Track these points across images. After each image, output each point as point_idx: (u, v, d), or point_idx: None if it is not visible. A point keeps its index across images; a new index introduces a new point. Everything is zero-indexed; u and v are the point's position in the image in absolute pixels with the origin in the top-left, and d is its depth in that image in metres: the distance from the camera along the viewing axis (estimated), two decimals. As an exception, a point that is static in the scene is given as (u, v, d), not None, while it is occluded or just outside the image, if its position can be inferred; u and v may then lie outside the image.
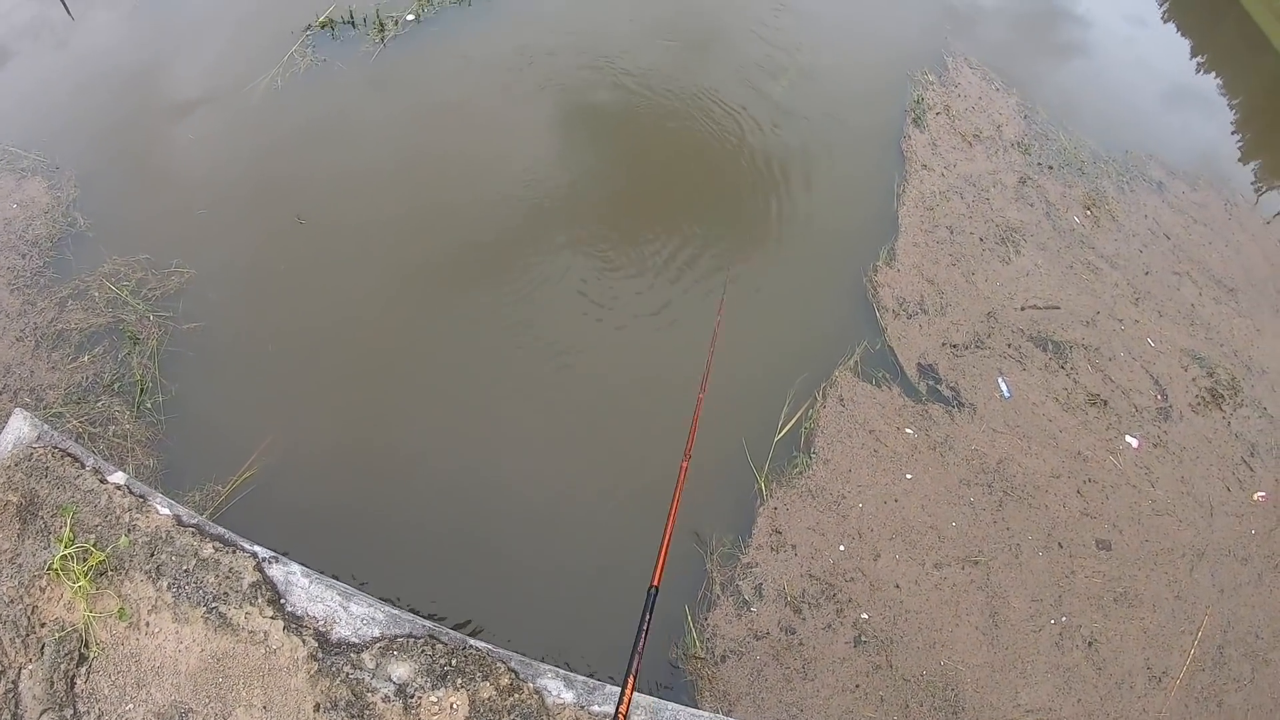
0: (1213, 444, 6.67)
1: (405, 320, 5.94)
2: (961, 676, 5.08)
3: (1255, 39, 12.53)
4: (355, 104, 7.19)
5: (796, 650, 4.93)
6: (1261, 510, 6.45)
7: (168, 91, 7.02)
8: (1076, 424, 6.38)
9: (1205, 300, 7.73)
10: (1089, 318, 7.11)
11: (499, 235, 6.47)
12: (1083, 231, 7.85)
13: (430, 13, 8.03)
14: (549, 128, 7.38)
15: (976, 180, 7.94)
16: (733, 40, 8.85)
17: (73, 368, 5.30)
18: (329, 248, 6.21)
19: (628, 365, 5.99)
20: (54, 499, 3.68)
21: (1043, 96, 9.45)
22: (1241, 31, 12.78)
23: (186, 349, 5.53)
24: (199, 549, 3.65)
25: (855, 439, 5.83)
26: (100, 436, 5.00)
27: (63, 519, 3.60)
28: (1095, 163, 8.68)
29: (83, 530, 3.61)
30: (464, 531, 5.08)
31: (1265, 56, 12.20)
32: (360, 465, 5.26)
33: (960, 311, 6.77)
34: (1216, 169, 9.55)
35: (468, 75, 7.68)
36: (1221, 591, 5.94)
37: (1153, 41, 12.00)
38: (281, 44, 7.44)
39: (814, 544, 5.33)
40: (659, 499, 5.23)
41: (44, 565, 3.49)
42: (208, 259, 5.96)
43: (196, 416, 5.26)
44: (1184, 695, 5.42)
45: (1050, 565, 5.66)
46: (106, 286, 5.66)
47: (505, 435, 5.53)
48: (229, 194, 6.40)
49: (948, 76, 9.14)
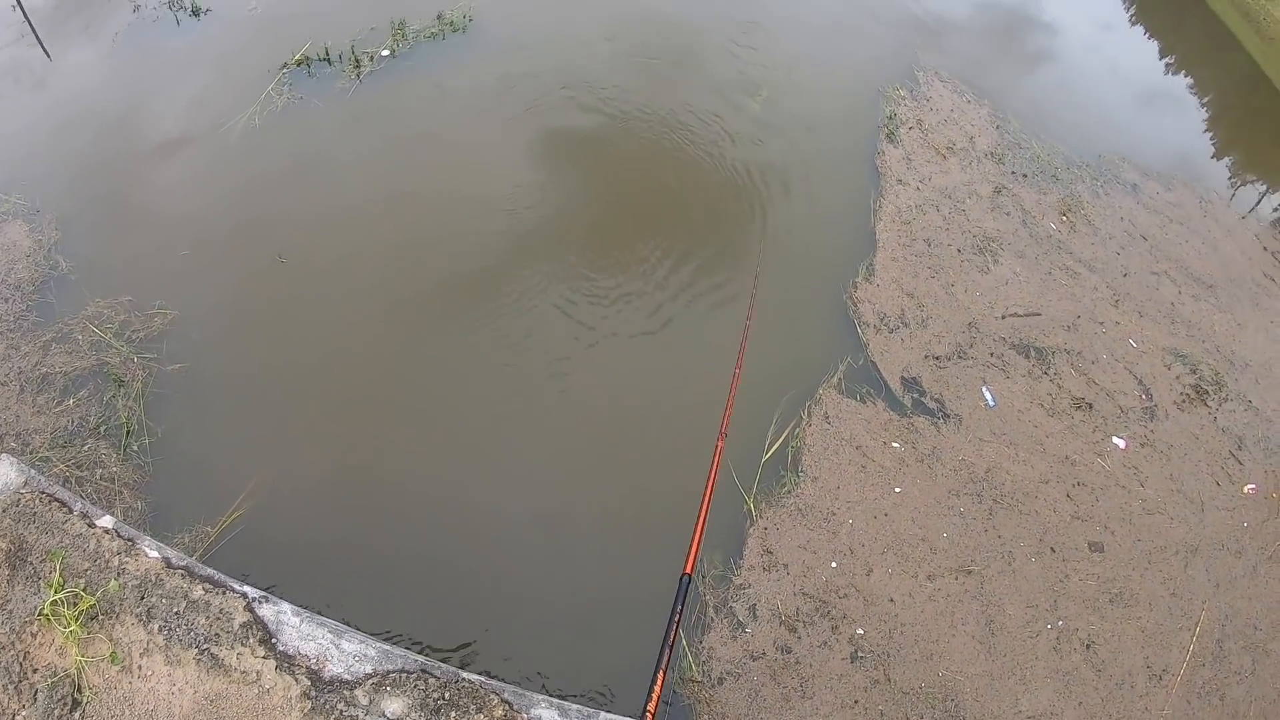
0: (1200, 440, 6.74)
1: (390, 354, 6.00)
2: (961, 686, 5.11)
3: (1222, 37, 12.77)
4: (333, 140, 7.29)
5: (793, 669, 4.96)
6: (1253, 503, 6.51)
7: (146, 132, 7.11)
8: (1063, 428, 6.46)
9: (1185, 298, 7.84)
10: (1070, 322, 7.20)
11: (483, 264, 6.55)
12: (1060, 237, 7.96)
13: (405, 48, 8.17)
14: (528, 155, 7.50)
15: (952, 192, 8.07)
16: (706, 62, 9.02)
17: (58, 411, 5.32)
18: (311, 285, 6.28)
19: (617, 393, 6.06)
20: (43, 544, 3.72)
21: (1014, 106, 9.61)
22: (1208, 30, 13.02)
23: (171, 390, 5.56)
24: (189, 591, 3.69)
25: (842, 455, 5.89)
26: (87, 480, 5.02)
27: (52, 564, 3.63)
28: (1069, 168, 8.82)
29: (72, 575, 3.64)
30: (455, 562, 5.11)
31: (1233, 53, 12.42)
32: (349, 500, 5.29)
33: (941, 323, 6.87)
34: (1190, 168, 9.71)
35: (445, 107, 7.81)
36: (1217, 586, 5.99)
37: (1121, 45, 12.24)
38: (258, 82, 7.55)
39: (806, 562, 5.38)
40: (651, 523, 5.34)
41: (35, 611, 3.52)
42: (190, 299, 6.01)
43: (183, 458, 5.29)
44: (1186, 691, 5.45)
45: (1044, 570, 5.71)
46: (90, 329, 5.70)
47: (494, 464, 5.57)
48: (210, 233, 6.47)
49: (919, 91, 9.31)
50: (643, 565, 5.19)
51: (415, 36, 8.29)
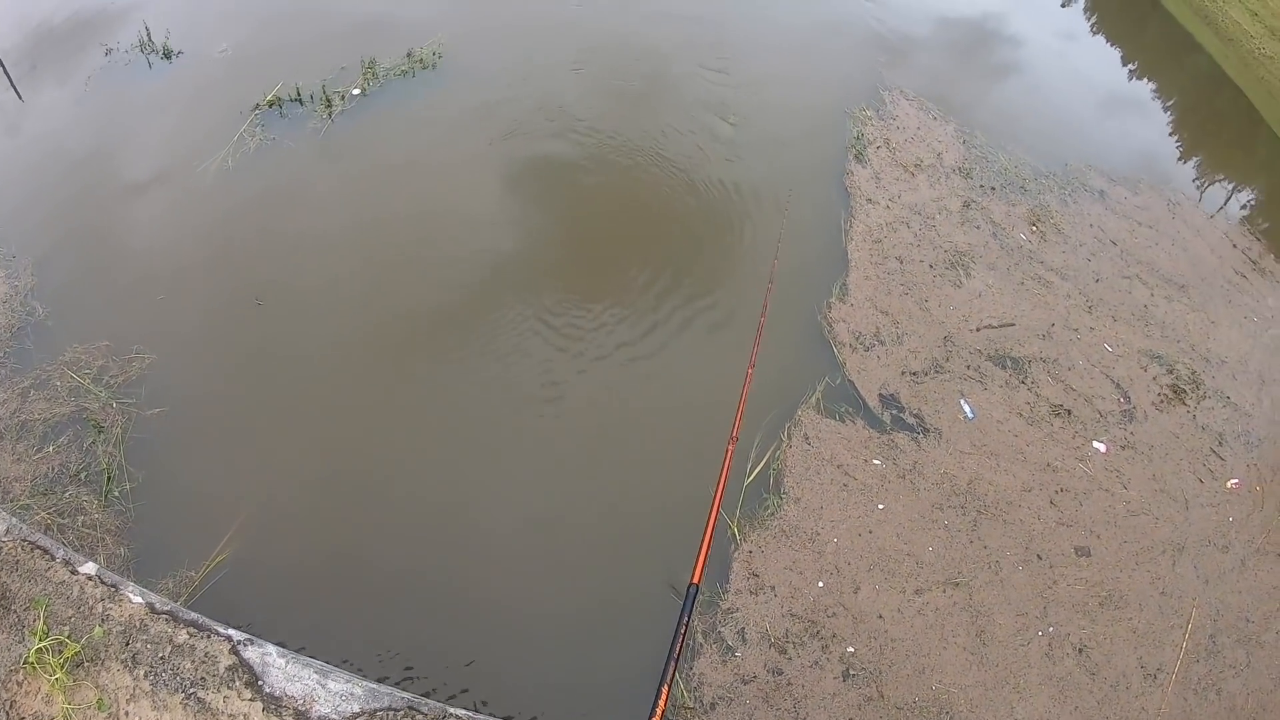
0: (1180, 439, 6.83)
1: (370, 390, 6.06)
2: (955, 699, 5.15)
3: (1182, 40, 13.04)
4: (307, 180, 7.38)
5: (786, 690, 5.00)
6: (1237, 497, 6.59)
7: (121, 175, 7.17)
8: (1043, 436, 6.54)
9: (1158, 300, 7.96)
10: (1044, 330, 7.32)
11: (462, 295, 6.64)
12: (1030, 247, 8.10)
13: (376, 86, 8.29)
14: (503, 186, 7.62)
15: (921, 209, 8.21)
16: (675, 89, 9.20)
17: (38, 459, 5.32)
18: (289, 325, 6.34)
19: (604, 414, 6.15)
20: (26, 592, 3.76)
21: (980, 120, 9.79)
22: (1168, 34, 13.30)
23: (151, 434, 5.58)
24: (174, 635, 3.74)
25: (824, 475, 5.96)
26: (69, 527, 5.03)
27: (36, 612, 3.67)
28: (1036, 179, 8.98)
29: (56, 622, 3.68)
30: (444, 591, 5.15)
31: (1193, 55, 12.68)
32: (333, 538, 5.33)
33: (917, 339, 6.97)
34: (1156, 171, 9.89)
35: (417, 143, 7.91)
36: (1206, 582, 6.05)
37: (1084, 54, 12.47)
38: (231, 124, 7.64)
39: (792, 583, 5.44)
40: (643, 537, 5.40)
41: (19, 659, 3.55)
42: (168, 343, 6.04)
43: (165, 502, 5.30)
44: (1181, 688, 5.50)
45: (1031, 578, 5.77)
46: (68, 375, 5.71)
47: (481, 493, 5.62)
48: (187, 276, 6.52)
49: (885, 110, 9.48)
50: (635, 580, 5.27)
51: (386, 75, 8.42)
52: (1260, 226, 9.68)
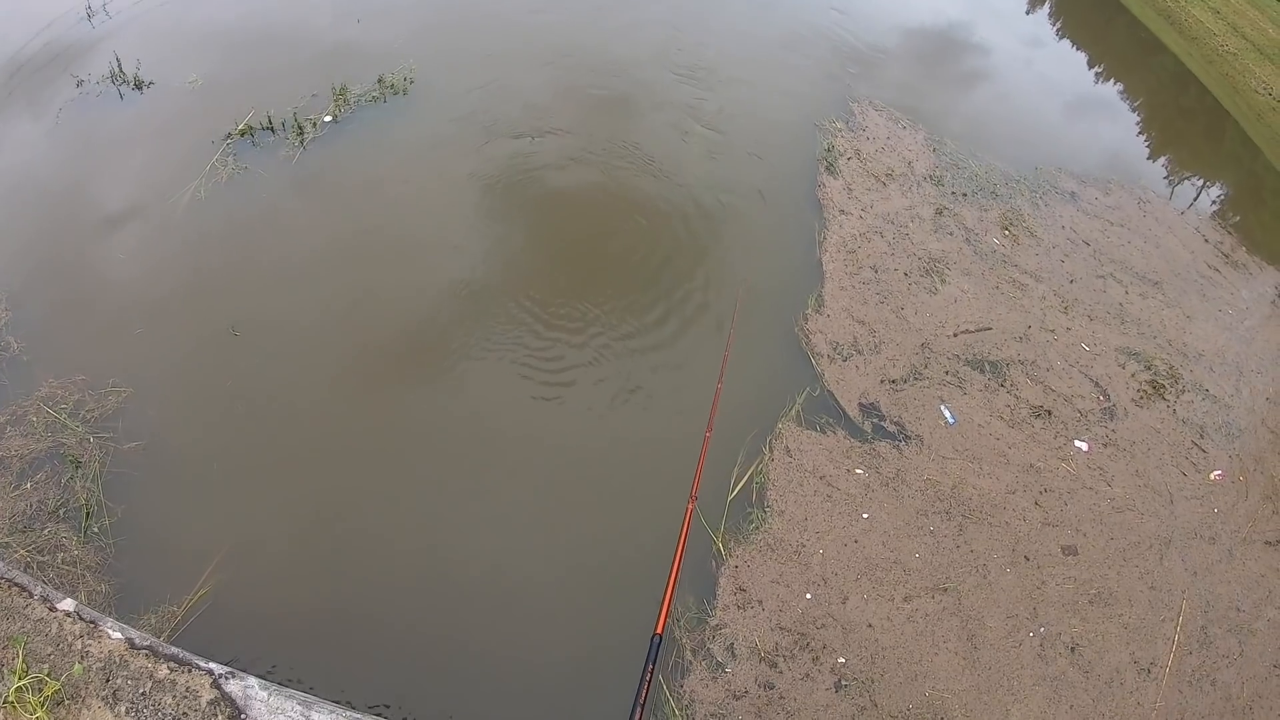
0: (1161, 434, 6.92)
1: (348, 419, 6.07)
2: (949, 704, 5.19)
3: (1147, 41, 13.28)
4: (280, 208, 7.40)
5: (778, 704, 5.02)
6: (1221, 488, 6.68)
7: (93, 207, 7.16)
8: (1024, 438, 6.62)
9: (1132, 297, 8.09)
10: (1021, 333, 7.42)
11: (439, 322, 6.67)
12: (1004, 251, 8.22)
13: (347, 112, 8.34)
14: (477, 208, 7.69)
15: (894, 218, 8.32)
16: (645, 107, 9.32)
17: (15, 496, 5.28)
18: (266, 354, 6.34)
19: (582, 445, 6.16)
20: (4, 630, 3.73)
21: (950, 128, 9.96)
22: (1133, 36, 13.55)
23: (130, 468, 5.56)
24: (154, 671, 3.73)
25: (807, 487, 6.02)
26: (49, 565, 5.00)
27: (15, 650, 3.65)
28: (1007, 183, 9.13)
29: (36, 660, 3.66)
30: (424, 623, 5.14)
31: (1158, 55, 12.92)
32: (316, 569, 5.32)
33: (894, 347, 7.06)
34: (1126, 170, 10.06)
35: (389, 168, 7.97)
36: (1195, 574, 6.12)
37: (1050, 59, 12.71)
38: (202, 154, 7.66)
39: (780, 596, 5.47)
40: (619, 580, 5.42)
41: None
42: (145, 376, 6.03)
43: (145, 537, 5.28)
44: (1176, 681, 5.55)
45: (1020, 580, 5.83)
46: (44, 411, 5.67)
47: (460, 525, 5.63)
48: (162, 308, 6.51)
49: (855, 121, 9.63)
50: (610, 624, 5.26)
51: (357, 101, 8.46)
52: (1231, 220, 9.87)
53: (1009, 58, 12.30)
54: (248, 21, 9.32)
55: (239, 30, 9.16)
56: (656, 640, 3.62)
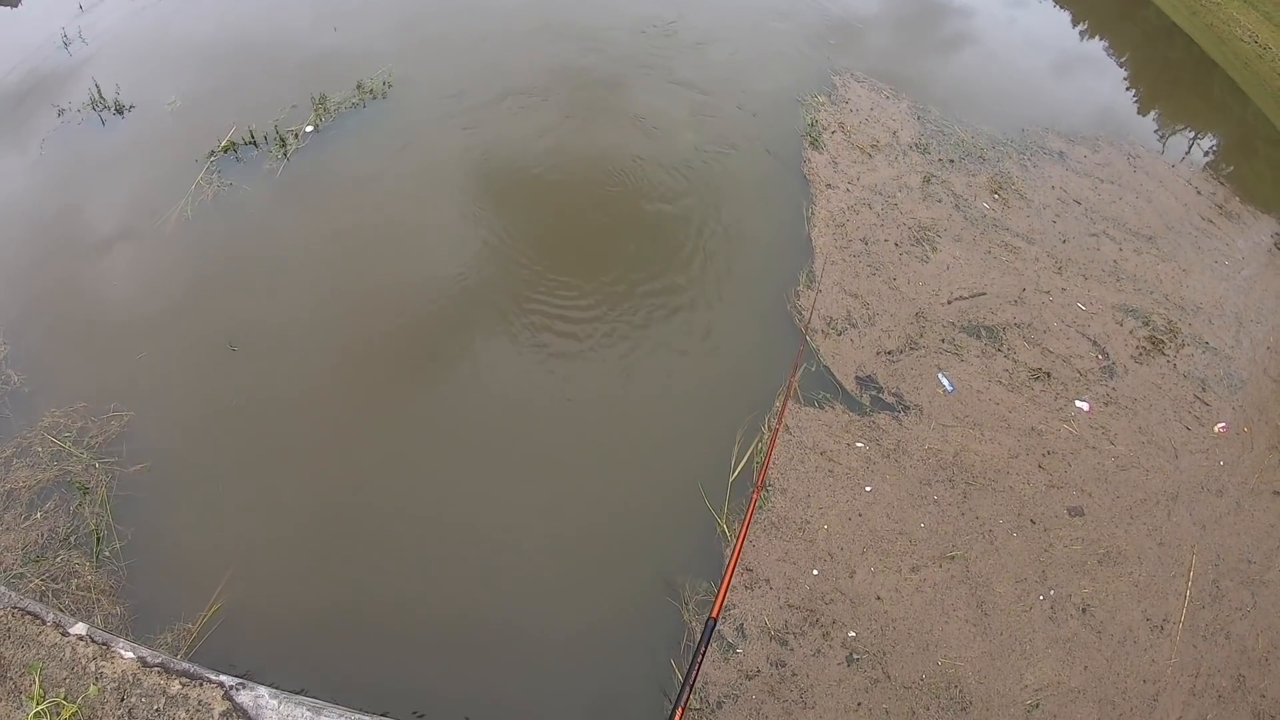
0: (1163, 389, 6.99)
1: (350, 423, 6.12)
2: (962, 672, 5.26)
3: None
4: (268, 221, 7.43)
5: (791, 682, 5.09)
6: (1226, 441, 6.75)
7: (83, 234, 7.18)
8: (1024, 401, 6.68)
9: (1127, 254, 8.14)
10: (1016, 296, 7.48)
11: (434, 320, 6.72)
12: (994, 215, 8.27)
13: (329, 121, 8.34)
14: (464, 205, 7.70)
15: (882, 188, 8.37)
16: (623, 90, 9.33)
17: (26, 526, 5.35)
18: (266, 366, 6.38)
19: (587, 440, 6.20)
20: (20, 659, 3.83)
21: (934, 95, 9.99)
22: (1116, -9, 13.54)
23: (137, 491, 5.61)
24: (166, 687, 3.81)
25: (808, 463, 6.07)
26: (64, 592, 5.07)
27: (32, 677, 3.75)
28: (994, 147, 9.18)
29: (52, 685, 3.76)
30: (438, 622, 5.20)
31: (1142, 9, 12.96)
32: (326, 576, 5.39)
33: (889, 318, 7.11)
34: (1114, 127, 10.11)
35: (373, 172, 7.98)
36: (1203, 528, 6.20)
37: (1033, 19, 12.74)
38: (187, 173, 7.66)
39: (787, 574, 5.54)
40: (630, 573, 5.48)
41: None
42: (145, 397, 6.08)
43: (157, 557, 5.35)
44: (1190, 636, 5.63)
45: (1027, 543, 5.90)
46: (49, 440, 5.74)
47: (468, 522, 5.68)
48: (157, 329, 6.54)
49: (837, 94, 9.66)
50: (632, 595, 5.36)
51: (338, 108, 8.46)
52: (1224, 171, 9.93)
53: (990, 20, 12.31)
54: (225, 36, 9.32)
55: (217, 46, 9.16)
56: (710, 623, 3.80)
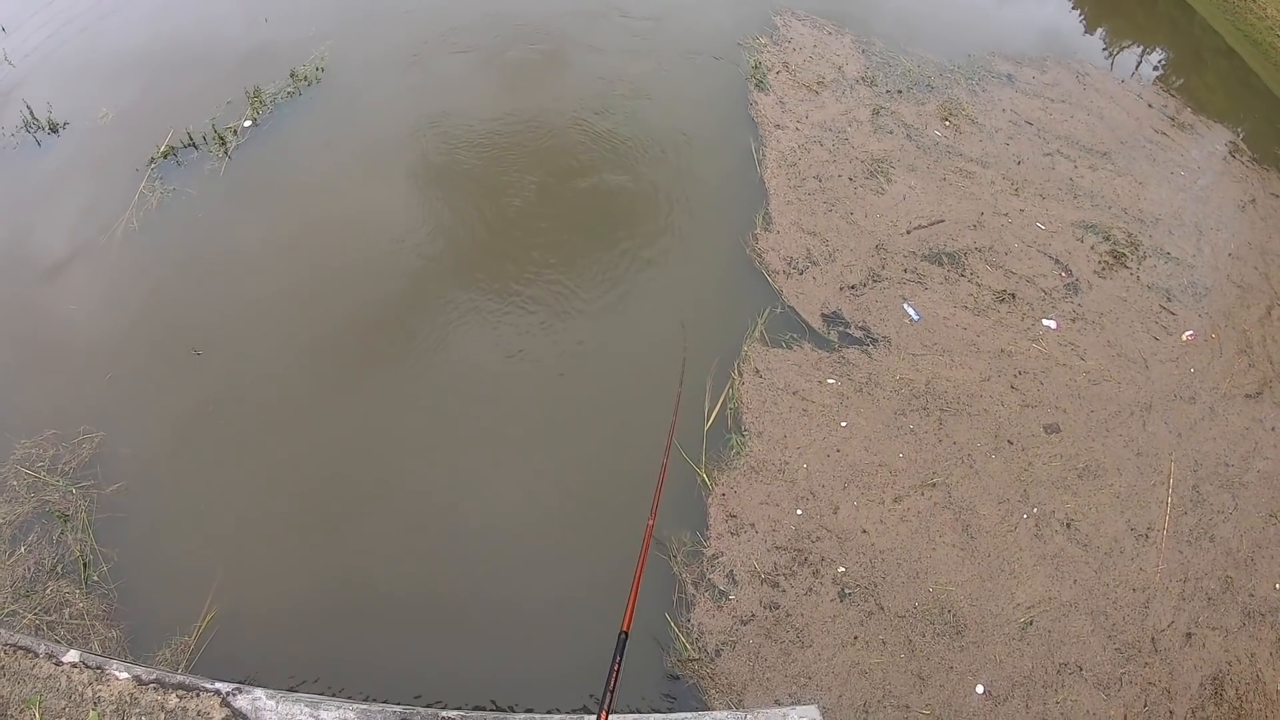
0: (1128, 302, 7.15)
1: (324, 416, 6.13)
2: (954, 596, 5.39)
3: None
4: (216, 221, 7.38)
5: (786, 622, 5.19)
6: (1194, 348, 6.94)
7: (30, 262, 7.09)
8: (991, 324, 6.81)
9: (1082, 171, 8.30)
10: (975, 221, 7.60)
11: (393, 299, 6.74)
12: (947, 143, 8.37)
13: (266, 113, 8.25)
14: (409, 179, 7.72)
15: (831, 125, 8.43)
16: (559, 47, 9.31)
17: (12, 562, 5.33)
18: (233, 368, 6.37)
19: (557, 405, 6.26)
20: (18, 694, 3.85)
21: (876, 28, 10.05)
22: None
23: (117, 511, 5.61)
24: (164, 702, 3.84)
25: (782, 404, 6.15)
26: (58, 623, 5.06)
27: (31, 711, 3.77)
28: (941, 75, 9.27)
29: (52, 716, 3.78)
30: (425, 605, 5.26)
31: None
32: (314, 571, 5.41)
33: (849, 253, 7.20)
34: (1061, 46, 10.26)
35: (316, 158, 7.97)
36: (1179, 435, 6.37)
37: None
38: (129, 184, 7.57)
39: (771, 516, 5.63)
40: (618, 544, 5.49)
41: None
42: (114, 416, 6.05)
43: (145, 575, 5.35)
44: (1175, 542, 5.81)
45: (1006, 464, 6.04)
46: (22, 472, 5.70)
47: (448, 502, 5.73)
48: (117, 345, 6.51)
49: (779, 35, 9.68)
50: (614, 561, 5.36)
51: (273, 99, 8.38)
52: (1174, 84, 10.11)
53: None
54: (154, 43, 9.15)
55: (146, 52, 9.00)
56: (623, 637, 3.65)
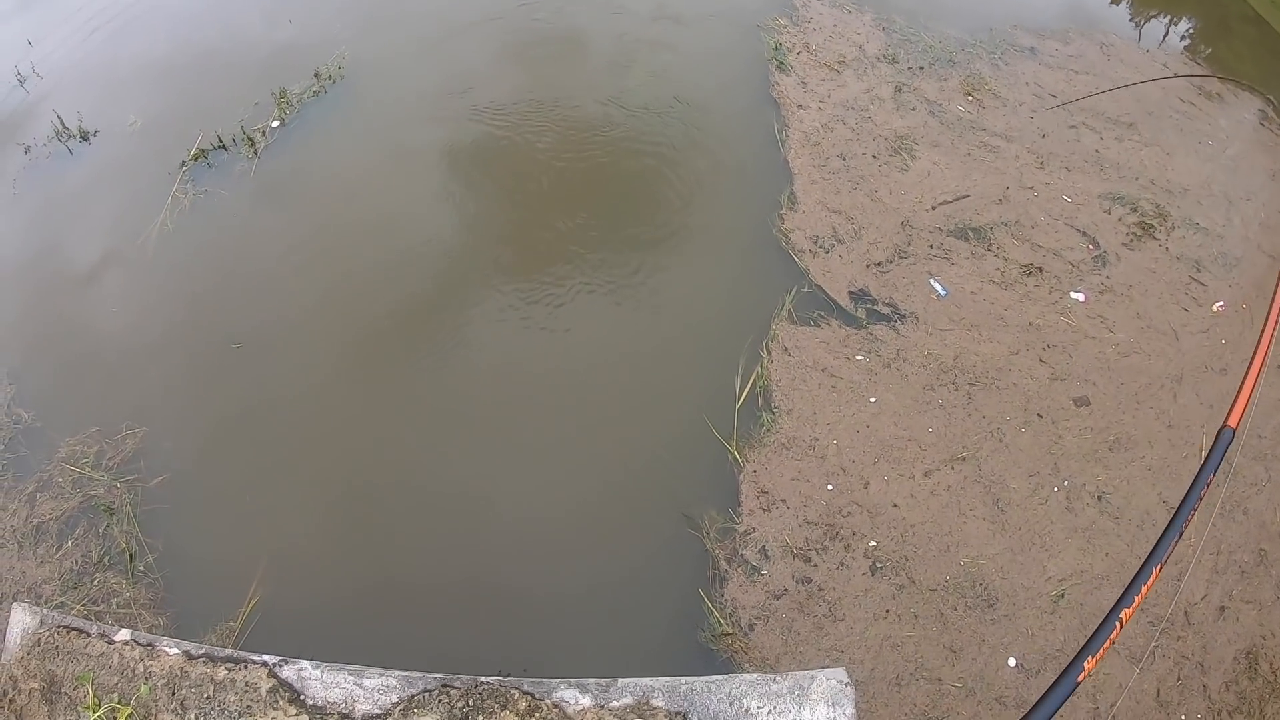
0: (1157, 273, 7.16)
1: (363, 402, 6.28)
2: (985, 569, 5.45)
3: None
4: (249, 219, 7.55)
5: (818, 597, 5.28)
6: (1225, 319, 6.94)
7: (69, 268, 7.27)
8: (1019, 298, 6.85)
9: (1108, 142, 8.30)
10: (1000, 195, 7.62)
11: (432, 290, 6.87)
12: (970, 118, 8.39)
13: (293, 114, 8.40)
14: (441, 171, 7.84)
15: (854, 103, 8.48)
16: (584, 37, 9.41)
17: (60, 556, 5.53)
18: (270, 360, 6.52)
19: (589, 393, 6.37)
20: (71, 672, 3.98)
21: (897, 5, 10.03)
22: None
23: (161, 503, 5.78)
24: (214, 674, 3.97)
25: (811, 381, 6.23)
26: (106, 612, 5.26)
27: (84, 687, 3.91)
28: (963, 50, 9.28)
29: (105, 691, 3.90)
30: (465, 592, 5.39)
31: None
32: (357, 555, 5.56)
33: (875, 230, 7.25)
34: (1085, 18, 10.19)
35: (345, 153, 8.11)
36: (1211, 407, 6.38)
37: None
38: (162, 187, 7.73)
39: (802, 492, 5.72)
40: (651, 515, 5.71)
41: None
42: (156, 412, 6.22)
43: (190, 564, 5.53)
44: (1206, 515, 5.80)
45: (1036, 438, 6.08)
46: (68, 469, 5.89)
47: (491, 482, 5.86)
48: (157, 343, 6.68)
49: (799, 15, 9.71)
50: (652, 543, 5.59)
51: (299, 99, 8.52)
52: (1201, 53, 10.04)
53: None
54: (179, 48, 9.31)
55: (172, 58, 9.15)
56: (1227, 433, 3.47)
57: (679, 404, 6.06)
